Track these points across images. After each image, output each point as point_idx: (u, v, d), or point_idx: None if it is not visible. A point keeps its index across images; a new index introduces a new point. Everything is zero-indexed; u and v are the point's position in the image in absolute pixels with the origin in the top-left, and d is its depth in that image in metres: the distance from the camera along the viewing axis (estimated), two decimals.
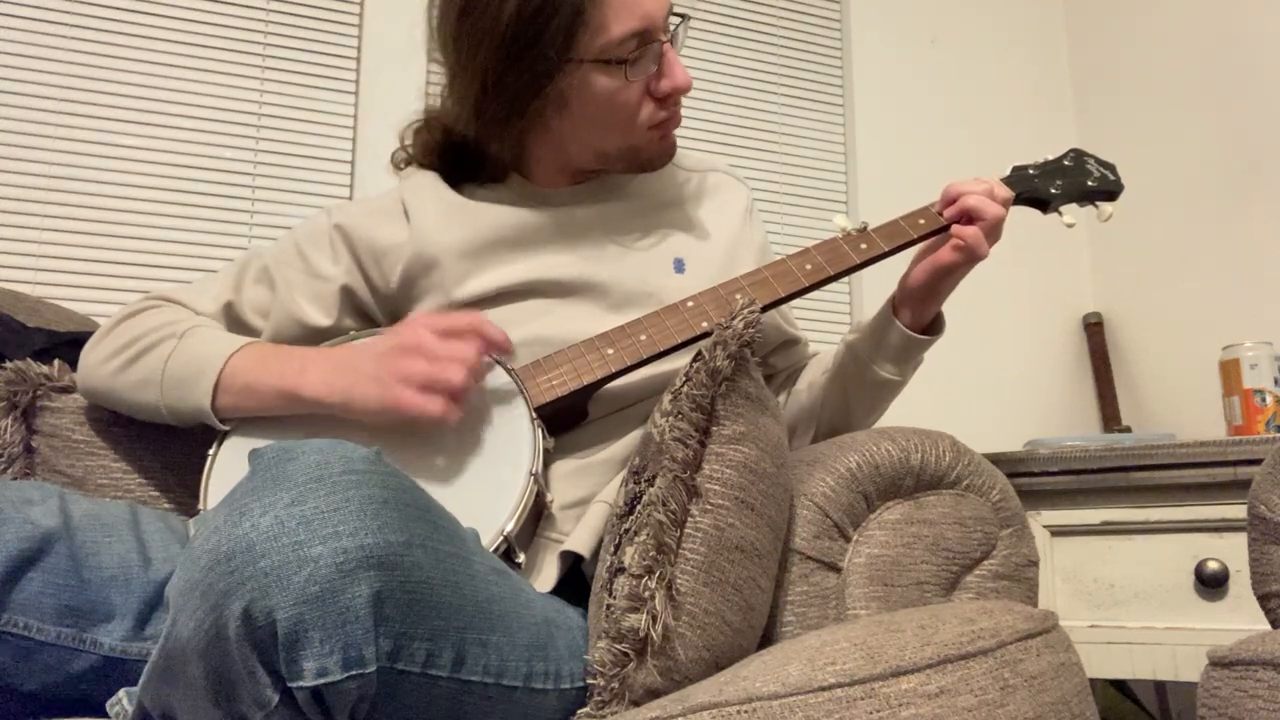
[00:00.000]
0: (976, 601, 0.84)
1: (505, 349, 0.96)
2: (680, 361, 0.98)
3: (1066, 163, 1.15)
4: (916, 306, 1.06)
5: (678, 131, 1.09)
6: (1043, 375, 2.27)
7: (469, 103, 1.02)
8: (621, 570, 0.77)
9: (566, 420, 1.00)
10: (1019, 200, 1.11)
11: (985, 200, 1.03)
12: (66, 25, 1.70)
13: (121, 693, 0.76)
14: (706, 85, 2.14)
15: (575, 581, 0.93)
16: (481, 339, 0.93)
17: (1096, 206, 1.14)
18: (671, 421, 0.79)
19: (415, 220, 1.06)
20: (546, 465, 0.97)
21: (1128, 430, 2.11)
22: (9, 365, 1.07)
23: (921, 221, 1.06)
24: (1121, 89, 2.27)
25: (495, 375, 0.97)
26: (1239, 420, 1.68)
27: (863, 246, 1.05)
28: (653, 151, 1.07)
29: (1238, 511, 1.42)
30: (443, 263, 1.04)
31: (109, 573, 0.86)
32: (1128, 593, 1.48)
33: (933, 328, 1.08)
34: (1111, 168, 1.16)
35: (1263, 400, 1.67)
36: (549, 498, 0.95)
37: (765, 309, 0.98)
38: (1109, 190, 1.14)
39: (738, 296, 1.00)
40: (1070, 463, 1.51)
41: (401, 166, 1.17)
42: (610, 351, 0.98)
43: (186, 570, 0.60)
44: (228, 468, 0.97)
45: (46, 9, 1.69)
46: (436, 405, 0.88)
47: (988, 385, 2.19)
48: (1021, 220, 1.05)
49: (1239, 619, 1.40)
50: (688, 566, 0.76)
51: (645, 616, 0.74)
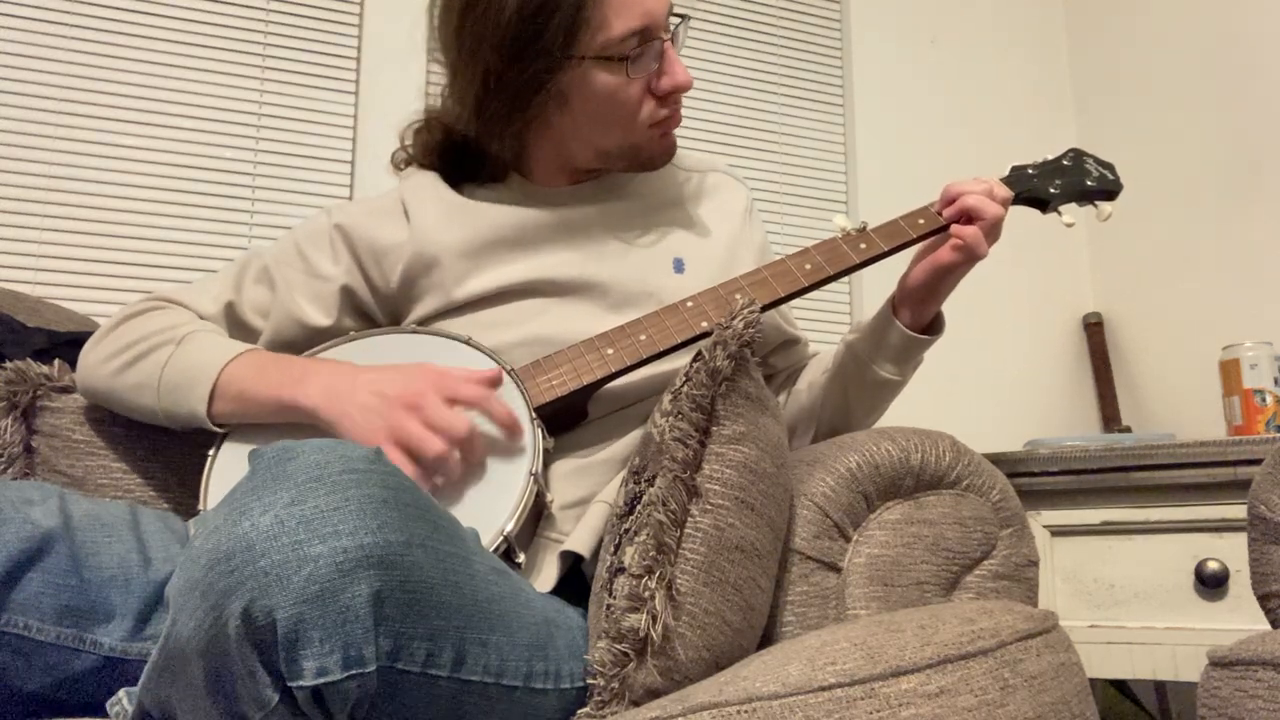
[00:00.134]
0: (976, 601, 0.84)
1: (512, 431, 0.93)
2: (680, 361, 0.98)
3: (1065, 162, 1.15)
4: (916, 306, 1.06)
5: (678, 131, 1.09)
6: (1043, 375, 2.27)
7: (470, 101, 1.02)
8: (621, 570, 0.77)
9: (566, 420, 1.00)
10: (1018, 200, 1.11)
11: (984, 200, 1.03)
12: (66, 25, 1.70)
13: (121, 693, 0.76)
14: (706, 85, 2.14)
15: (575, 581, 0.93)
16: (486, 414, 0.92)
17: (1096, 206, 1.15)
18: (671, 421, 0.79)
19: (415, 220, 1.06)
20: (546, 465, 0.96)
21: (1128, 430, 2.11)
22: (9, 365, 1.07)
23: (921, 221, 1.06)
24: (1121, 89, 2.27)
25: (501, 391, 0.97)
26: (1239, 420, 1.68)
27: (862, 246, 1.05)
28: (653, 150, 1.07)
29: (1238, 511, 1.42)
30: (443, 262, 1.04)
31: (109, 573, 0.86)
32: (1128, 593, 1.48)
33: (932, 327, 1.08)
34: (1110, 167, 1.17)
35: (1263, 400, 1.67)
36: (549, 497, 0.95)
37: (765, 309, 0.98)
38: (1108, 190, 1.14)
39: (737, 296, 1.00)
40: (1070, 463, 1.51)
41: (401, 167, 1.17)
42: (610, 351, 0.98)
43: (186, 570, 0.60)
44: (227, 468, 0.97)
45: (46, 9, 1.69)
46: (404, 470, 0.86)
47: (988, 385, 2.19)
48: (1021, 220, 1.06)
49: (1239, 619, 1.40)
50: (688, 566, 0.76)
51: (645, 616, 0.74)
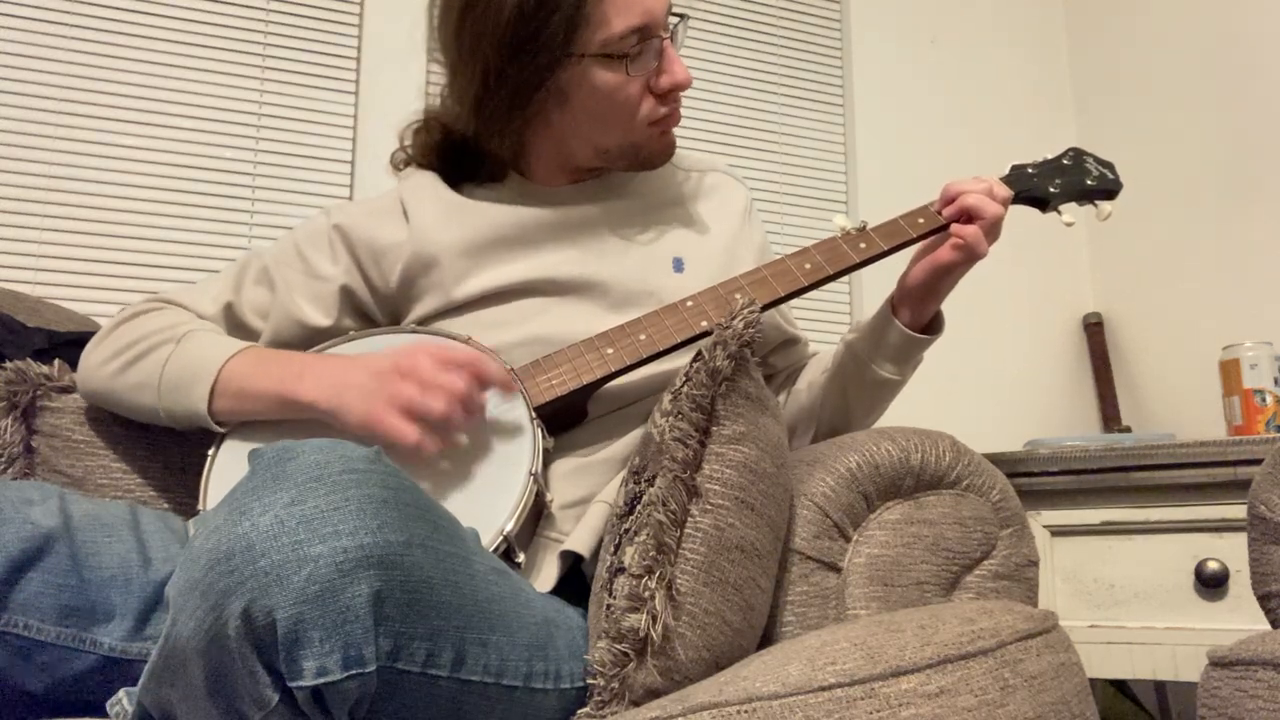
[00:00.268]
0: (976, 601, 0.84)
1: (507, 387, 0.94)
2: (680, 361, 0.98)
3: (1065, 162, 1.15)
4: (916, 306, 1.06)
5: (678, 131, 1.09)
6: (1043, 375, 2.27)
7: (469, 99, 1.02)
8: (621, 570, 0.77)
9: (566, 419, 1.00)
10: (1018, 199, 1.11)
11: (984, 199, 1.03)
12: (66, 25, 1.70)
13: (121, 693, 0.76)
14: (706, 85, 2.14)
15: (575, 581, 0.93)
16: (479, 375, 0.92)
17: (1095, 205, 1.14)
18: (671, 421, 0.79)
19: (414, 220, 1.06)
20: (546, 465, 0.96)
21: (1128, 430, 2.11)
22: (9, 365, 1.07)
23: (921, 220, 1.06)
24: (1121, 89, 2.27)
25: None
26: (1239, 420, 1.68)
27: (862, 246, 1.05)
28: (653, 149, 1.07)
29: (1238, 511, 1.42)
30: (442, 262, 1.04)
31: (109, 573, 0.86)
32: (1128, 593, 1.48)
33: (932, 327, 1.08)
34: (1110, 166, 1.16)
35: (1263, 400, 1.67)
36: (548, 497, 0.95)
37: (765, 308, 0.98)
38: (1108, 189, 1.14)
39: (737, 296, 1.00)
40: (1070, 463, 1.51)
41: (400, 167, 1.17)
42: (610, 351, 0.98)
43: (186, 570, 0.60)
44: (227, 468, 0.97)
45: (46, 9, 1.69)
46: (412, 433, 0.87)
47: (988, 385, 2.19)
48: (1021, 220, 1.06)
49: (1239, 619, 1.40)
50: (688, 566, 0.76)
51: (645, 616, 0.74)
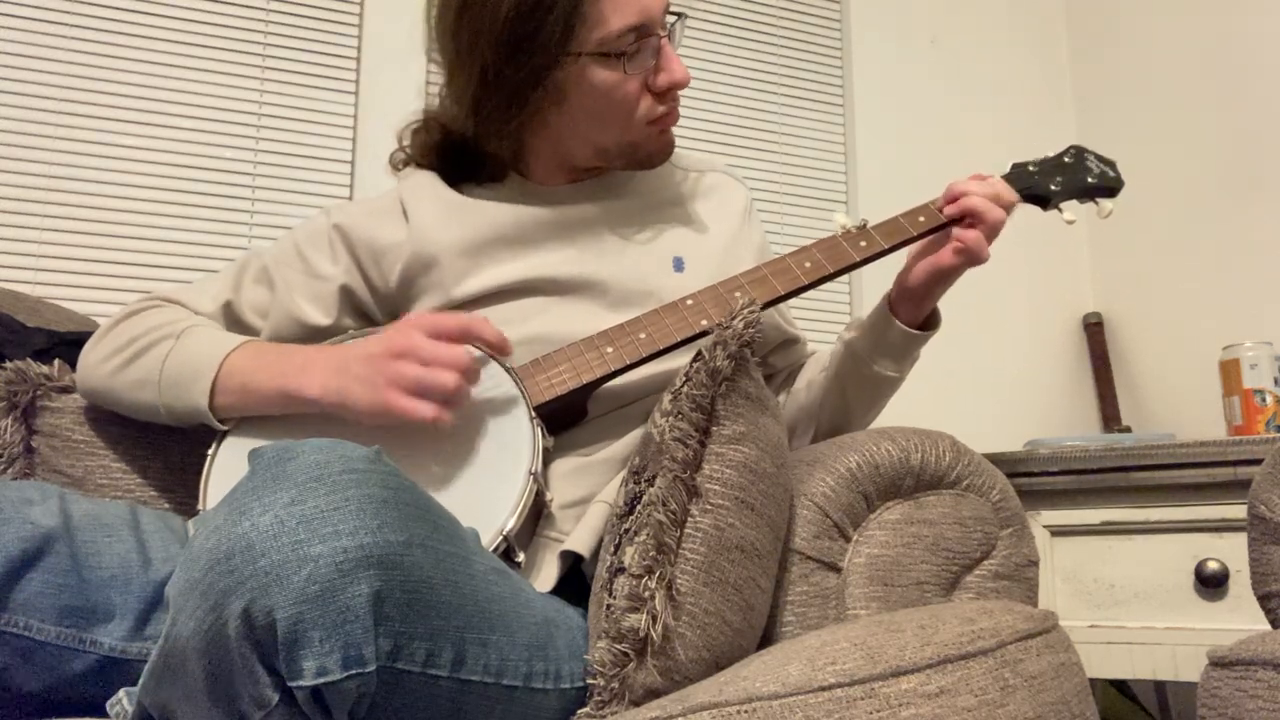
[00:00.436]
0: (976, 601, 0.84)
1: (502, 349, 0.96)
2: (679, 360, 0.98)
3: (1066, 159, 1.14)
4: (914, 305, 1.06)
5: (678, 131, 1.09)
6: (1043, 375, 2.27)
7: (467, 99, 1.02)
8: (621, 570, 0.77)
9: (566, 419, 1.00)
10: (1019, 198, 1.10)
11: (988, 204, 1.02)
12: (66, 25, 1.70)
13: (121, 693, 0.76)
14: (706, 85, 2.13)
15: (575, 581, 0.93)
16: (475, 339, 0.93)
17: (1097, 203, 1.14)
18: (671, 421, 0.79)
19: (414, 219, 1.06)
20: (546, 464, 0.96)
21: (1128, 430, 2.11)
22: (9, 365, 1.07)
23: (921, 219, 1.06)
24: (1121, 89, 2.27)
25: (494, 373, 0.97)
26: (1239, 420, 1.68)
27: (862, 244, 1.05)
28: (651, 147, 1.07)
29: (1238, 511, 1.42)
30: (442, 261, 1.04)
31: (109, 573, 0.86)
32: (1128, 593, 1.48)
33: (929, 323, 1.08)
34: (1112, 164, 1.16)
35: (1263, 400, 1.67)
36: (548, 496, 0.95)
37: (765, 307, 0.98)
38: (1109, 187, 1.14)
39: (737, 294, 1.00)
40: (1070, 463, 1.51)
41: (400, 167, 1.17)
42: (609, 350, 0.98)
43: (186, 570, 0.60)
44: (227, 468, 0.97)
45: (46, 9, 1.69)
46: (428, 410, 0.88)
47: (988, 385, 2.18)
48: (1021, 220, 1.05)
49: (1239, 619, 1.40)
50: (688, 566, 0.76)
51: (645, 616, 0.74)
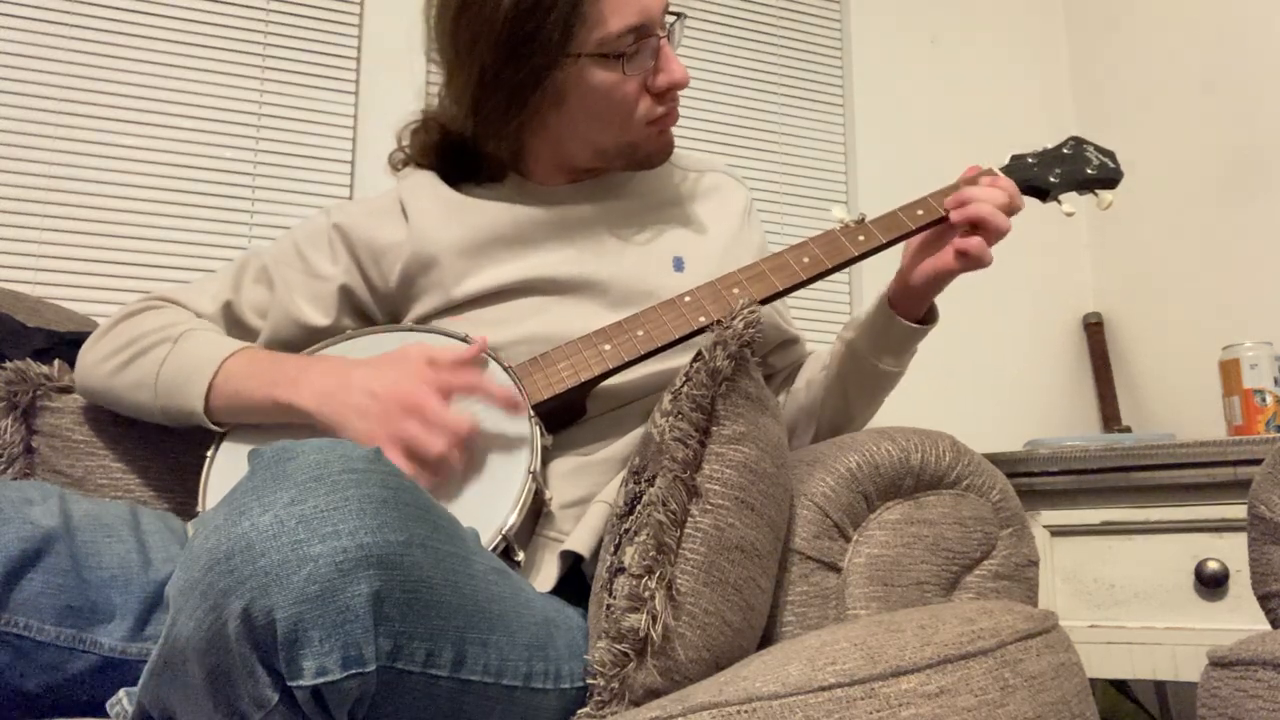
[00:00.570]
0: (976, 601, 0.84)
1: (513, 407, 0.94)
2: (678, 359, 0.98)
3: (1065, 150, 1.13)
4: (915, 302, 1.05)
5: (678, 131, 1.08)
6: (1043, 375, 2.27)
7: (466, 100, 1.02)
8: (621, 570, 0.77)
9: (565, 417, 1.00)
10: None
11: (996, 215, 1.00)
12: (66, 25, 1.70)
13: (121, 693, 0.76)
14: (706, 85, 2.13)
15: (575, 581, 0.93)
16: (482, 396, 0.93)
17: (1096, 195, 1.13)
18: (671, 421, 0.79)
19: (414, 219, 1.06)
20: (545, 463, 0.96)
21: (1128, 430, 2.11)
22: (9, 365, 1.07)
23: (919, 213, 1.05)
24: (1121, 89, 2.27)
25: (493, 373, 0.97)
26: (1239, 420, 1.68)
27: (860, 239, 1.04)
28: (651, 148, 1.07)
29: (1238, 511, 1.42)
30: (441, 261, 1.04)
31: (109, 573, 0.86)
32: (1128, 593, 1.48)
33: (928, 317, 1.08)
34: (1111, 155, 1.15)
35: (1263, 400, 1.67)
36: (547, 495, 0.95)
37: (764, 302, 0.98)
38: (1109, 178, 1.13)
39: (735, 291, 1.00)
40: (1070, 463, 1.51)
41: (399, 167, 1.17)
42: (608, 348, 0.98)
43: (186, 569, 0.60)
44: (226, 468, 0.97)
45: (46, 9, 1.69)
46: (421, 479, 0.88)
47: (988, 385, 2.18)
48: (1022, 220, 1.05)
49: (1239, 619, 1.40)
50: (688, 566, 0.76)
51: (645, 616, 0.74)
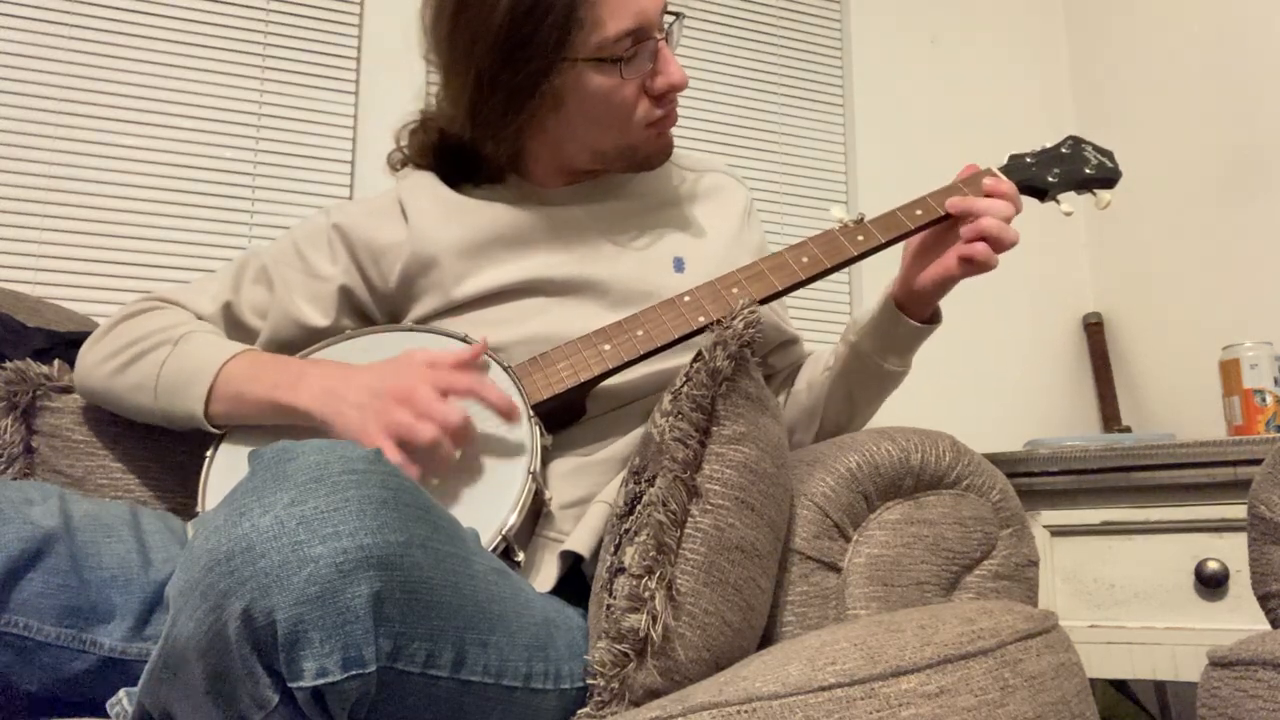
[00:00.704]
0: (976, 601, 0.84)
1: (508, 415, 0.94)
2: (678, 359, 0.98)
3: (1064, 150, 1.13)
4: (921, 304, 1.05)
5: (677, 131, 1.08)
6: (1043, 375, 2.27)
7: (464, 104, 1.02)
8: (621, 570, 0.77)
9: (565, 417, 1.00)
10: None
11: (1005, 230, 1.00)
12: (66, 25, 1.70)
13: (121, 693, 0.76)
14: (706, 85, 2.13)
15: (575, 581, 0.93)
16: (480, 399, 0.92)
17: (1095, 194, 1.12)
18: (671, 421, 0.79)
19: (413, 219, 1.06)
20: (545, 463, 0.96)
21: (1128, 430, 2.11)
22: (9, 365, 1.07)
23: (919, 213, 1.05)
24: (1121, 89, 2.27)
25: (492, 373, 0.97)
26: (1239, 420, 1.68)
27: (860, 238, 1.04)
28: (650, 150, 1.07)
29: (1238, 511, 1.42)
30: (441, 262, 1.04)
31: (109, 573, 0.86)
32: (1128, 593, 1.48)
33: (933, 317, 1.08)
34: (1109, 154, 1.15)
35: (1263, 400, 1.67)
36: (547, 495, 0.95)
37: (763, 302, 0.98)
38: (1107, 177, 1.13)
39: (734, 290, 1.00)
40: (1070, 463, 1.51)
41: (398, 167, 1.16)
42: (607, 348, 0.98)
43: (186, 570, 0.60)
44: (225, 469, 0.97)
45: (46, 9, 1.69)
46: (395, 460, 0.86)
47: (988, 385, 2.18)
48: (1021, 220, 1.05)
49: (1239, 619, 1.40)
50: (688, 566, 0.76)
51: (645, 616, 0.74)
